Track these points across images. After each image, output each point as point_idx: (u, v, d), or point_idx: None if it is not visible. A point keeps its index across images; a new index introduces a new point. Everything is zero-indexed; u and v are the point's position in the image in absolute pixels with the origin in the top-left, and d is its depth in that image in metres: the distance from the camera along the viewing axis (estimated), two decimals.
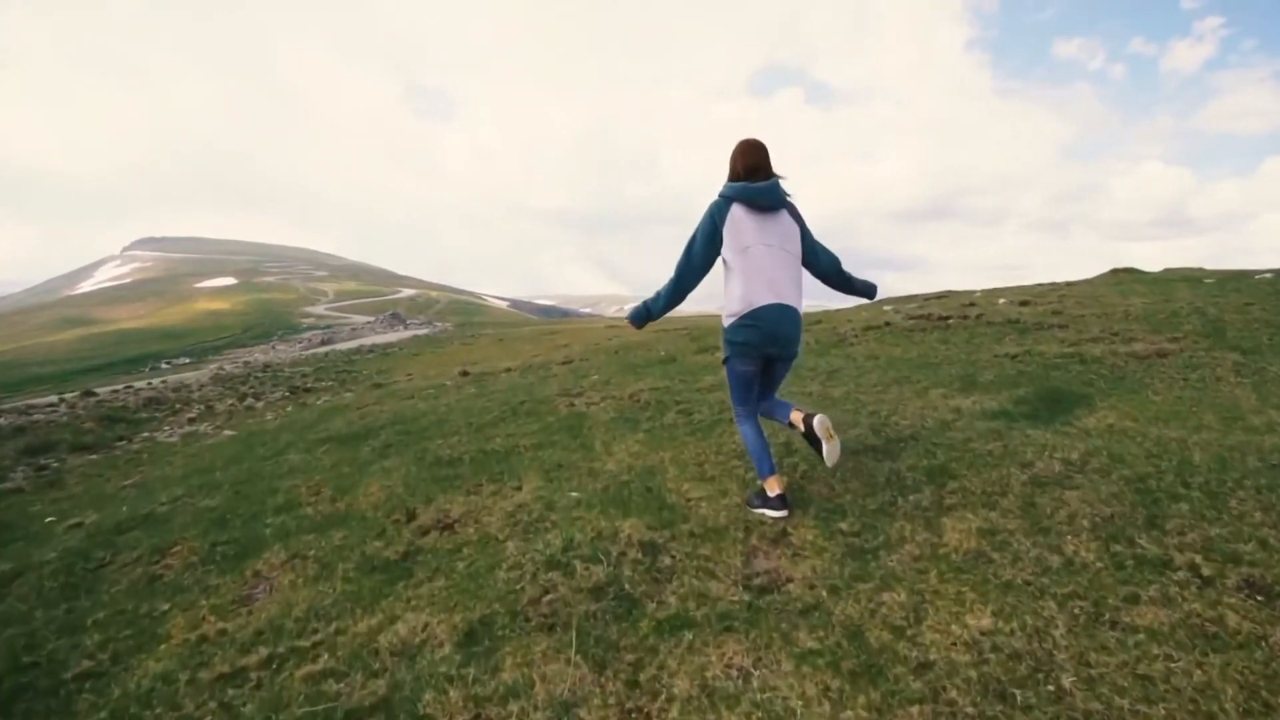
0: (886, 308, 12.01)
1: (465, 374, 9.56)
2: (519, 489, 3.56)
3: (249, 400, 12.21)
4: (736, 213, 2.63)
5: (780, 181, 2.70)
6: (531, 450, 4.34)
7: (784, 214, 2.71)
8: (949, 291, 13.07)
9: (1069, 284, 10.36)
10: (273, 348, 51.88)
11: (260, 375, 18.00)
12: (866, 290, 2.98)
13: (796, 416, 2.73)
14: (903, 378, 4.72)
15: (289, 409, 10.82)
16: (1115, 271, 10.19)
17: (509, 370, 9.54)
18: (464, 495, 3.58)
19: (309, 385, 14.04)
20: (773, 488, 2.72)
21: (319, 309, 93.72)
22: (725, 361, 2.82)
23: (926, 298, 12.83)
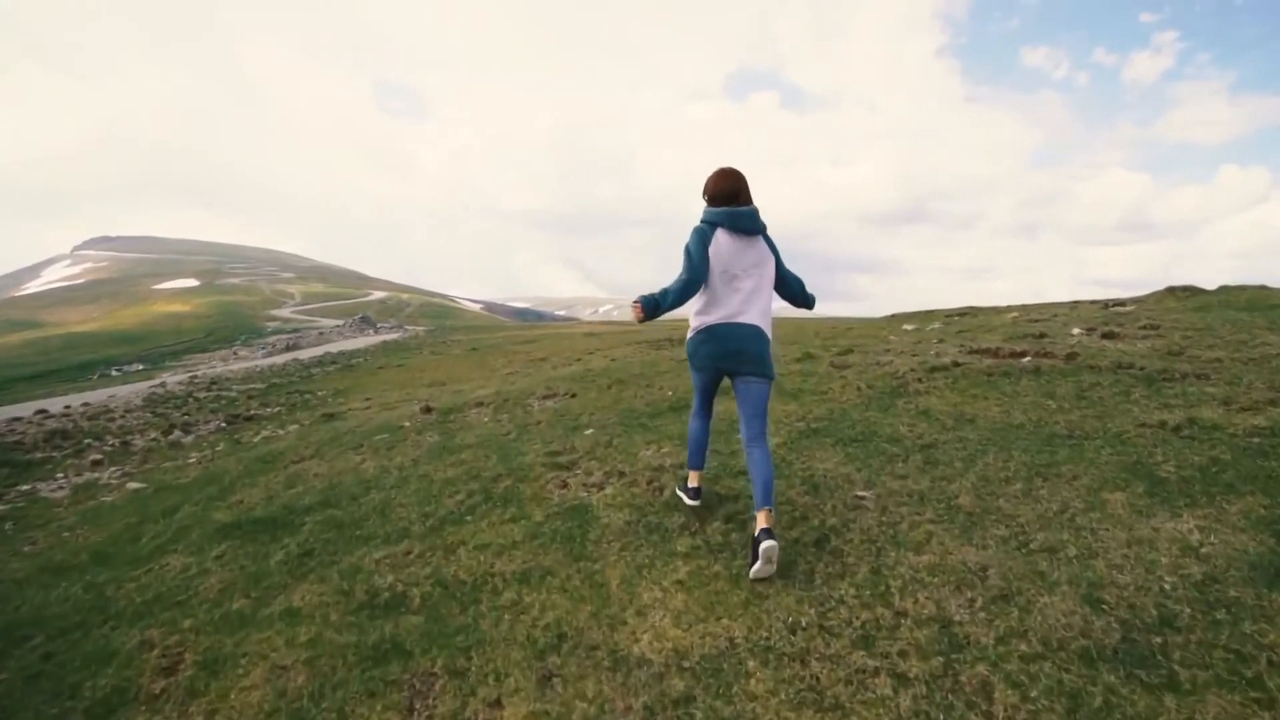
0: (908, 326, 10.74)
1: (428, 410, 8.01)
2: (496, 705, 2.09)
3: (176, 433, 10.44)
4: (720, 238, 2.77)
5: (758, 211, 2.83)
6: (513, 586, 2.87)
7: (760, 240, 2.84)
8: (972, 307, 11.86)
9: (1124, 303, 9.19)
10: (235, 353, 49.36)
11: (201, 396, 16.08)
12: (809, 301, 3.12)
13: (761, 518, 2.61)
14: (1040, 465, 3.35)
15: (219, 447, 9.13)
16: (1173, 290, 9.04)
17: (480, 405, 8.01)
18: (402, 717, 2.10)
19: (252, 411, 12.27)
20: (693, 480, 3.23)
21: (285, 312, 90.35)
22: (690, 368, 3.07)
23: (949, 314, 11.61)
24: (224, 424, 10.97)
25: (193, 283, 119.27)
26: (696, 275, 2.76)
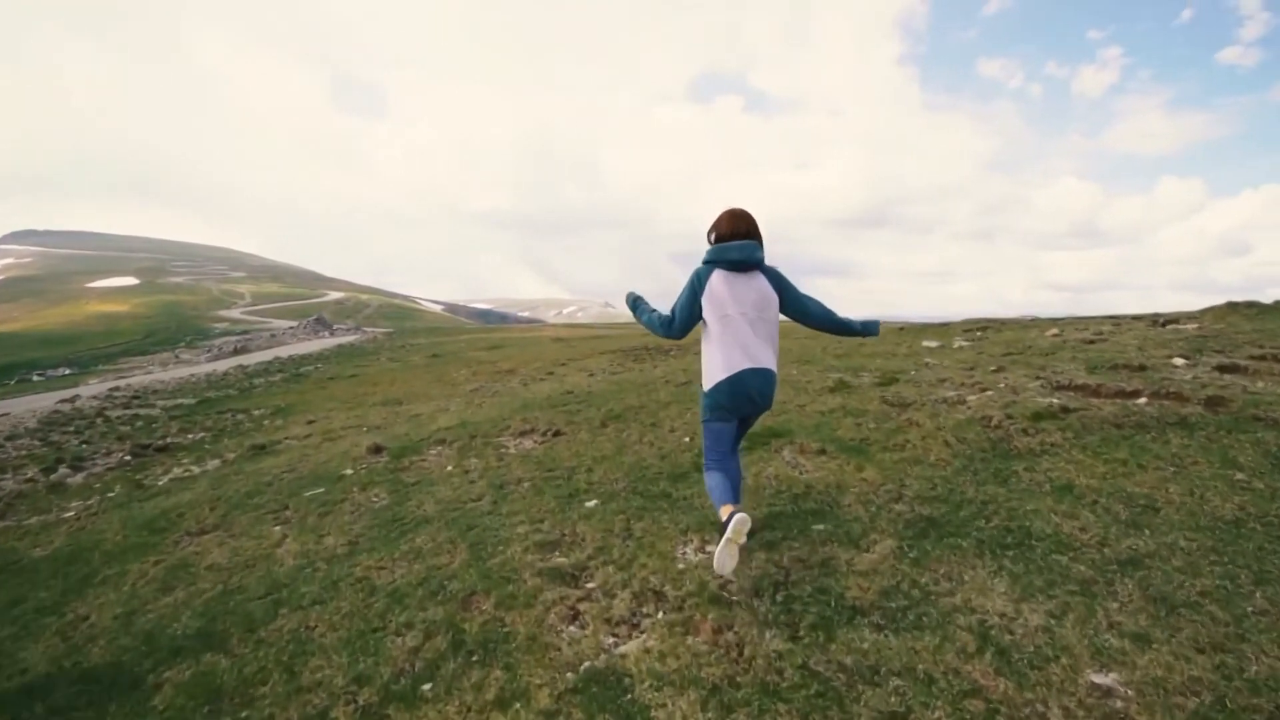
0: (928, 343, 9.61)
1: (378, 450, 6.47)
2: None
3: (63, 470, 8.56)
4: (715, 280, 2.78)
5: (757, 245, 2.80)
6: None
7: (759, 276, 2.82)
8: (992, 320, 10.83)
9: (1178, 319, 8.23)
10: (176, 356, 46.18)
11: (114, 415, 13.96)
12: (868, 329, 2.99)
13: (725, 511, 2.65)
14: None
15: (112, 493, 7.38)
16: (1233, 305, 8.14)
17: (441, 443, 6.53)
18: None
19: (168, 439, 10.41)
20: (725, 512, 2.65)
21: (234, 313, 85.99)
22: (704, 421, 2.92)
23: (967, 328, 10.55)
24: (128, 457, 9.13)
25: (131, 281, 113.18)
26: (670, 328, 2.88)
